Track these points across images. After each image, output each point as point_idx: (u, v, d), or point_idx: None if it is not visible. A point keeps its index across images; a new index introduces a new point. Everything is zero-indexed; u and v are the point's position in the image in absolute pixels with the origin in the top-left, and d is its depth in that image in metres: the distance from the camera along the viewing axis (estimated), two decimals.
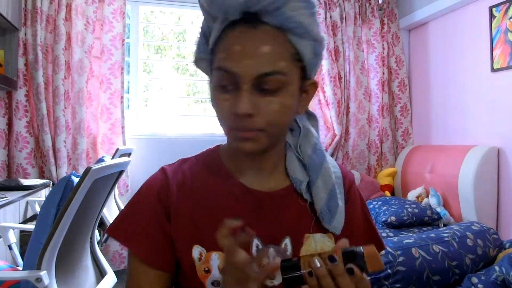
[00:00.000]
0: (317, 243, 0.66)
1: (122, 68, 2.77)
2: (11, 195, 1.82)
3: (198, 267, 0.63)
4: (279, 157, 0.70)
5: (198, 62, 0.68)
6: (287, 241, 0.65)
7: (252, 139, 0.59)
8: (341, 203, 0.69)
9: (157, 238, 0.64)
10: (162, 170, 0.70)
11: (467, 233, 1.77)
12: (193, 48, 0.69)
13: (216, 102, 0.60)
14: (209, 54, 0.65)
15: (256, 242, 0.64)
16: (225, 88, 0.59)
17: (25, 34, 2.53)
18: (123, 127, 2.77)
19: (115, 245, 2.77)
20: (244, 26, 0.58)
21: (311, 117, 0.75)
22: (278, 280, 0.58)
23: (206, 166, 0.70)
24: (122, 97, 2.77)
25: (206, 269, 0.63)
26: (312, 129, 0.73)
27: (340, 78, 3.14)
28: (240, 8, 0.57)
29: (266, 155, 0.67)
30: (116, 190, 2.65)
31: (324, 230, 0.67)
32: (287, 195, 0.68)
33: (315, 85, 0.66)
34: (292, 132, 0.72)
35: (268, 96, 0.58)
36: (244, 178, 0.68)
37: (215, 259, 0.63)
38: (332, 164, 0.72)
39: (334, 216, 0.67)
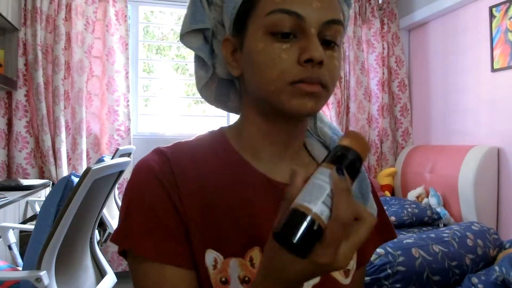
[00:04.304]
0: None
1: (127, 71, 2.78)
2: (11, 195, 1.82)
3: (214, 276, 0.50)
4: (301, 141, 0.60)
5: (189, 36, 0.58)
6: None
7: (316, 96, 0.50)
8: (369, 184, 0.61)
9: (166, 227, 0.50)
10: (159, 151, 0.55)
11: (467, 233, 1.77)
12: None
13: (267, 53, 0.49)
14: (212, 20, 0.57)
15: None
16: (279, 36, 0.49)
17: (25, 34, 2.53)
18: (129, 129, 2.78)
19: (114, 247, 2.76)
20: None
21: None
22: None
23: (213, 151, 0.56)
24: (127, 99, 2.78)
25: (223, 279, 0.50)
26: None
27: (340, 78, 3.13)
28: None
29: (290, 138, 0.57)
30: (116, 190, 2.65)
31: None
32: None
33: None
34: None
35: (328, 49, 0.51)
36: (262, 167, 0.56)
37: (235, 267, 0.50)
38: None
39: (367, 200, 0.59)
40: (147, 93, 3.49)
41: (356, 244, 0.37)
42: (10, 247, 1.65)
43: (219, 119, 3.16)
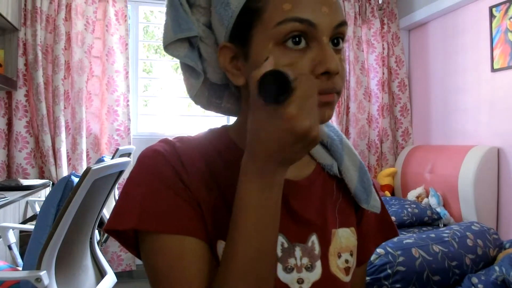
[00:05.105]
0: (342, 239, 0.59)
1: (127, 71, 2.78)
2: (11, 195, 1.82)
3: None
4: None
5: (175, 45, 0.55)
6: (313, 239, 0.57)
7: (332, 104, 0.50)
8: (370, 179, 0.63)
9: (186, 204, 0.50)
10: (166, 140, 0.55)
11: (467, 233, 1.77)
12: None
13: (280, 66, 0.47)
14: (205, 28, 0.56)
15: (281, 239, 0.54)
16: (291, 46, 0.48)
17: (25, 34, 2.53)
18: (128, 129, 2.78)
19: (114, 246, 2.76)
20: None
21: None
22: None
23: (217, 150, 0.56)
24: (127, 99, 2.78)
25: None
26: None
27: None
28: None
29: None
30: (116, 190, 2.65)
31: (347, 223, 0.61)
32: (311, 184, 0.59)
33: None
34: None
35: (337, 53, 0.51)
36: None
37: None
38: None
39: (370, 195, 0.61)
40: (147, 93, 3.48)
41: (313, 105, 0.42)
42: (10, 247, 1.65)
43: (219, 119, 3.16)
